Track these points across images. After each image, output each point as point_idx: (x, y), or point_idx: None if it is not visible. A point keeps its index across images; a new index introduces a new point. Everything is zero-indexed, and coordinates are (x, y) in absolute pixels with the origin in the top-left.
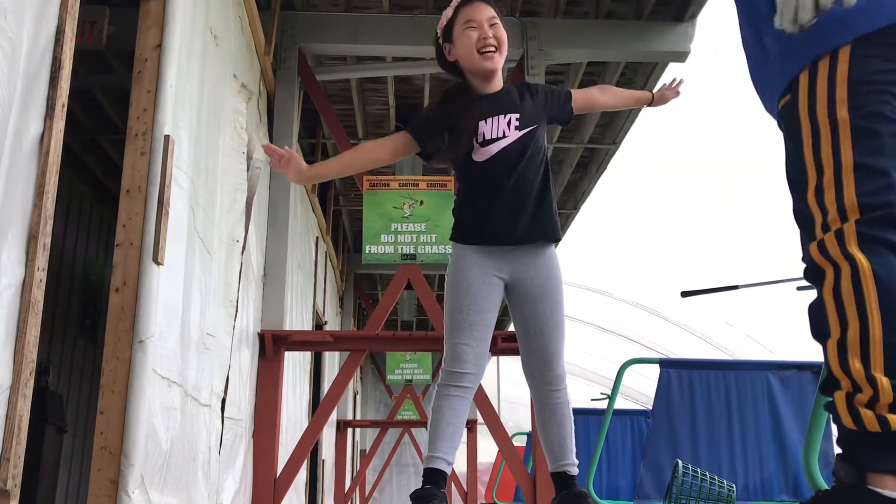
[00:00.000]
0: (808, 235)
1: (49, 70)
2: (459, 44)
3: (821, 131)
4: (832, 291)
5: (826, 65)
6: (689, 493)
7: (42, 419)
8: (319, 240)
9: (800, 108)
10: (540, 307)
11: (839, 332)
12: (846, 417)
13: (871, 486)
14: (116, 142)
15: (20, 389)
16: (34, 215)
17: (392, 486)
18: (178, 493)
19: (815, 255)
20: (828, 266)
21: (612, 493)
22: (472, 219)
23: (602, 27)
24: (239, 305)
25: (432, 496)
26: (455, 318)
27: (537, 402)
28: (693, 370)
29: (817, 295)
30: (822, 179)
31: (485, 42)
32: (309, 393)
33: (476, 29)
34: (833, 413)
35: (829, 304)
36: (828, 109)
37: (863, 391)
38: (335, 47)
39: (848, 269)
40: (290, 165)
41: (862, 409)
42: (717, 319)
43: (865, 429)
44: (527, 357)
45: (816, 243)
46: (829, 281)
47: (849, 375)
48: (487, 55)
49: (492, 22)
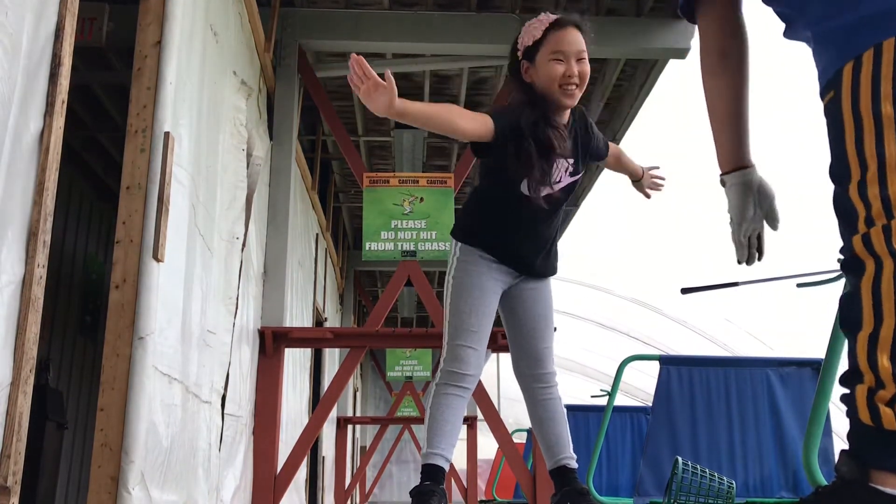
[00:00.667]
0: (850, 228)
1: (49, 66)
2: (542, 72)
3: (864, 126)
4: (871, 285)
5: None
6: (688, 490)
7: (42, 416)
8: (319, 237)
9: (843, 103)
10: (533, 308)
11: (872, 327)
12: (864, 412)
13: (872, 484)
14: (116, 139)
15: (20, 386)
16: (34, 212)
17: (392, 482)
18: (179, 490)
19: (859, 247)
20: (869, 260)
21: (611, 489)
22: (499, 241)
23: (602, 24)
24: (239, 302)
25: (431, 492)
26: (462, 320)
27: (530, 400)
28: (693, 367)
29: (852, 286)
30: (867, 175)
31: (569, 80)
32: (309, 390)
33: (563, 63)
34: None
35: (865, 297)
36: (872, 104)
37: (886, 388)
38: (335, 44)
39: (891, 265)
40: (377, 92)
41: (882, 407)
42: (717, 316)
43: (882, 426)
44: (518, 356)
45: (861, 236)
46: (869, 274)
47: (874, 371)
48: (569, 93)
49: (580, 56)
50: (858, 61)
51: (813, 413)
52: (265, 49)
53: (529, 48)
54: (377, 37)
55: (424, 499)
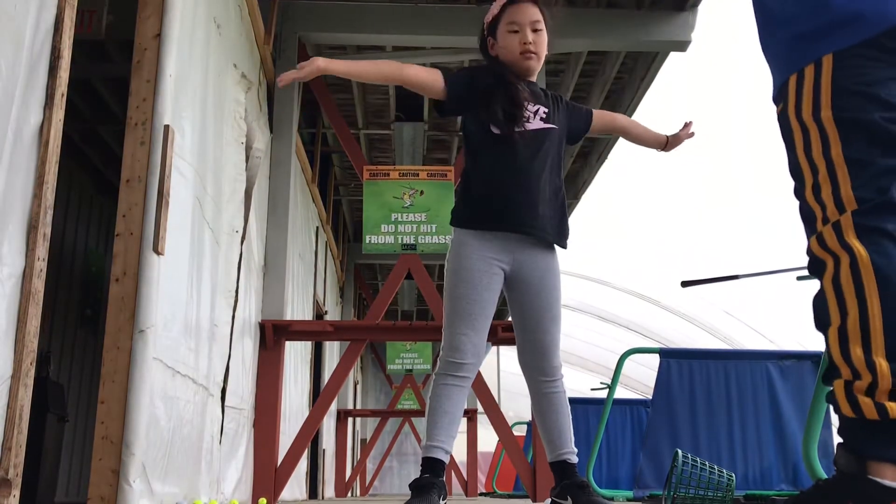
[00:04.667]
0: (810, 230)
1: (48, 59)
2: (502, 44)
3: (810, 132)
4: (832, 281)
5: (812, 71)
6: (688, 483)
7: (43, 409)
8: (320, 230)
9: (789, 113)
10: (538, 299)
11: (839, 320)
12: (845, 405)
13: (870, 476)
14: (116, 132)
15: (21, 379)
16: (34, 205)
17: (392, 475)
18: (180, 482)
19: (815, 247)
20: (828, 257)
21: (611, 482)
22: (488, 197)
23: (602, 16)
24: (241, 295)
25: (431, 485)
26: (455, 306)
27: (534, 393)
28: (693, 360)
29: (819, 287)
30: (818, 177)
31: (525, 48)
32: (309, 382)
33: (518, 33)
34: (833, 402)
35: (829, 294)
36: (812, 111)
37: (862, 378)
38: (335, 36)
39: (847, 259)
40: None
41: (860, 397)
42: (717, 309)
43: (864, 417)
44: (523, 348)
45: (816, 236)
46: (829, 272)
47: (849, 362)
48: (528, 56)
49: (535, 27)
50: (801, 74)
51: (813, 406)
52: (265, 42)
53: (490, 24)
54: (377, 29)
55: (424, 491)
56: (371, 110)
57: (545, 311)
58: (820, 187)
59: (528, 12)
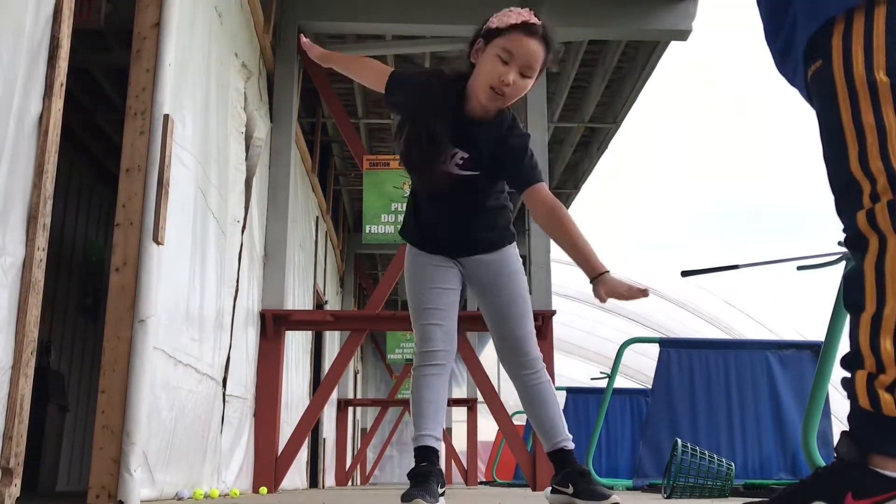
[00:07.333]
0: (854, 203)
1: (47, 49)
2: (485, 61)
3: (859, 95)
4: (875, 264)
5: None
6: (688, 472)
7: (44, 398)
8: (320, 219)
9: (835, 71)
10: (499, 297)
11: (874, 308)
12: (864, 398)
13: (872, 467)
14: (115, 121)
15: (22, 369)
16: (34, 195)
17: (393, 464)
18: (182, 471)
19: (863, 224)
20: (874, 237)
21: (611, 471)
22: (419, 229)
23: (603, 5)
24: (243, 285)
25: (429, 473)
26: (414, 302)
27: (519, 387)
28: (693, 349)
29: (857, 265)
30: (865, 146)
31: (501, 84)
32: (310, 372)
33: (505, 65)
34: (850, 391)
35: (868, 277)
36: (866, 71)
37: (886, 373)
38: (335, 25)
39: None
40: None
41: (882, 392)
42: (717, 299)
43: (881, 412)
44: (500, 346)
45: (865, 212)
46: (872, 252)
47: (876, 354)
48: (494, 97)
49: (525, 72)
50: (849, 27)
51: (812, 395)
52: (265, 31)
53: (491, 31)
54: (377, 18)
55: (422, 479)
56: (371, 100)
57: (510, 308)
58: (868, 158)
59: (528, 51)
